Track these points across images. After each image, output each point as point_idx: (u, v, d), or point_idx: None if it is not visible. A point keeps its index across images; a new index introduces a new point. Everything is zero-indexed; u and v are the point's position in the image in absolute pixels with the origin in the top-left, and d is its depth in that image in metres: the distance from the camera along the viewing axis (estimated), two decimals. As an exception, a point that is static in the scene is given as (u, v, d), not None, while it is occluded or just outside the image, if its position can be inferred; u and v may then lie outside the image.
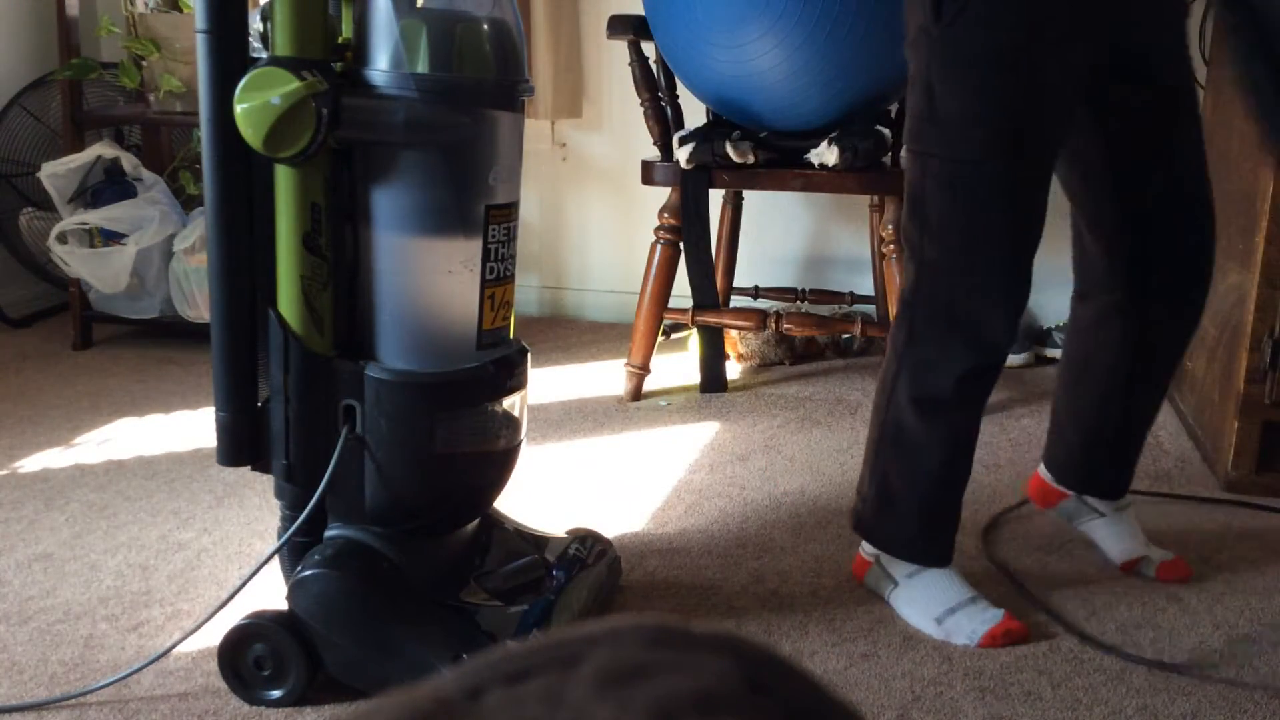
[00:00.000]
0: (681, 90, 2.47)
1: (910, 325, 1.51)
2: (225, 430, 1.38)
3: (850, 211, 2.93)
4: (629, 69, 2.42)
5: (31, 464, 2.11)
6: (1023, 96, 1.40)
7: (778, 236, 2.99)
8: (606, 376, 2.62)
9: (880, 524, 1.60)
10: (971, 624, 1.51)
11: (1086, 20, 1.40)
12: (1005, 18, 1.37)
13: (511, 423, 1.44)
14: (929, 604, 1.55)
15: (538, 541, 1.55)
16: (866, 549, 1.64)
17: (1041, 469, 1.79)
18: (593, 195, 3.10)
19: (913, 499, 1.56)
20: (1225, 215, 2.15)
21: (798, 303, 2.78)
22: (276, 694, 1.36)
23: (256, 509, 1.91)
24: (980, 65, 1.39)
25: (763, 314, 2.42)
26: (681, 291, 2.49)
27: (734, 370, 2.66)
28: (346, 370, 1.35)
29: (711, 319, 2.46)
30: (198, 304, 2.67)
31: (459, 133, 1.32)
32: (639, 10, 2.35)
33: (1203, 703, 1.39)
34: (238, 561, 1.74)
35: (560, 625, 1.41)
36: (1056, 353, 2.75)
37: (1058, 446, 1.76)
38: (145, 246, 2.64)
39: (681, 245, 2.42)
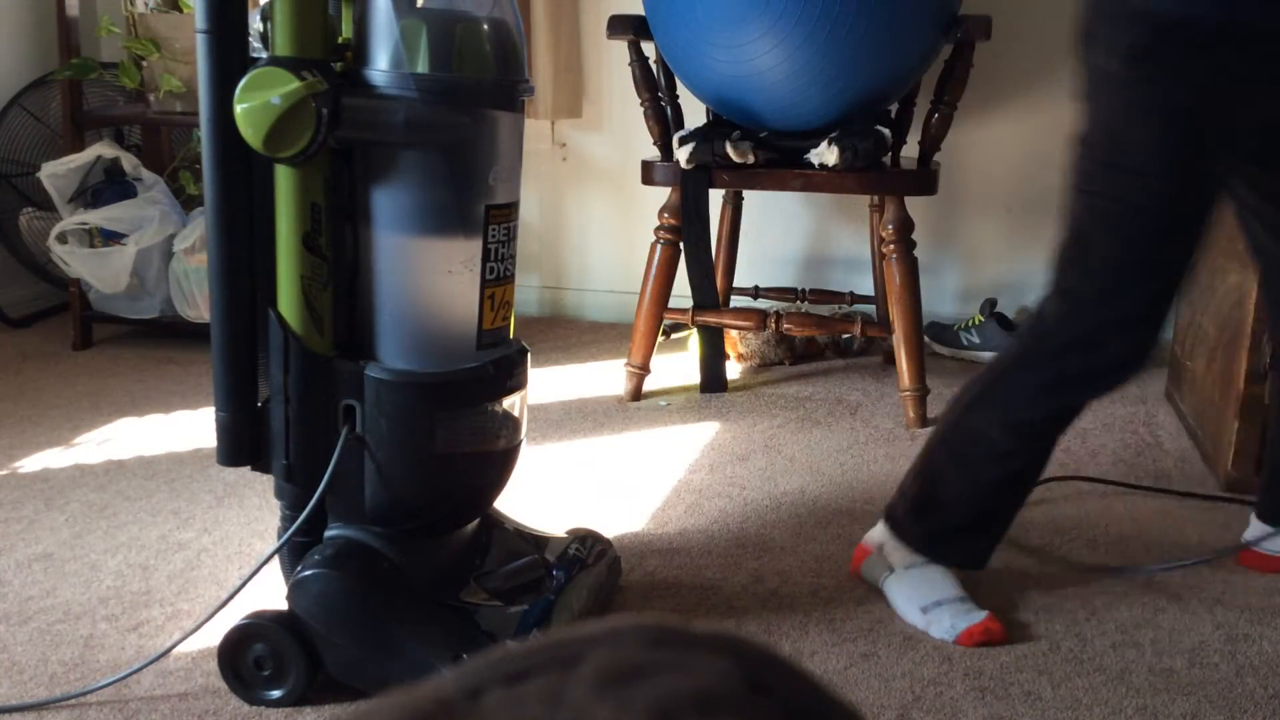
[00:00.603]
0: (681, 90, 2.47)
1: (1037, 351, 1.51)
2: (225, 430, 1.38)
3: (850, 211, 2.93)
4: (629, 69, 2.41)
5: (31, 464, 2.11)
6: (1204, 151, 1.41)
7: (778, 236, 2.99)
8: (606, 376, 2.62)
9: (918, 523, 1.61)
10: (953, 619, 1.53)
11: (1273, 76, 1.39)
12: (1196, 72, 1.37)
13: (511, 423, 1.44)
14: (917, 593, 1.57)
15: (538, 541, 1.55)
16: (871, 537, 1.65)
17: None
18: (593, 195, 3.10)
19: (968, 509, 1.58)
20: (1225, 215, 2.15)
21: (798, 303, 2.78)
22: (276, 694, 1.36)
23: (256, 509, 1.91)
24: (1167, 116, 1.39)
25: (763, 314, 2.42)
26: (681, 291, 2.49)
27: (734, 370, 2.66)
28: (346, 370, 1.35)
29: (711, 319, 2.46)
30: (198, 304, 2.67)
31: (459, 133, 1.32)
32: (639, 10, 2.35)
33: (1203, 703, 1.39)
34: (238, 561, 1.74)
35: (560, 625, 1.41)
36: (1056, 353, 2.75)
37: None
38: (145, 246, 2.64)
39: (681, 245, 2.42)
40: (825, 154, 2.21)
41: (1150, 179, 1.42)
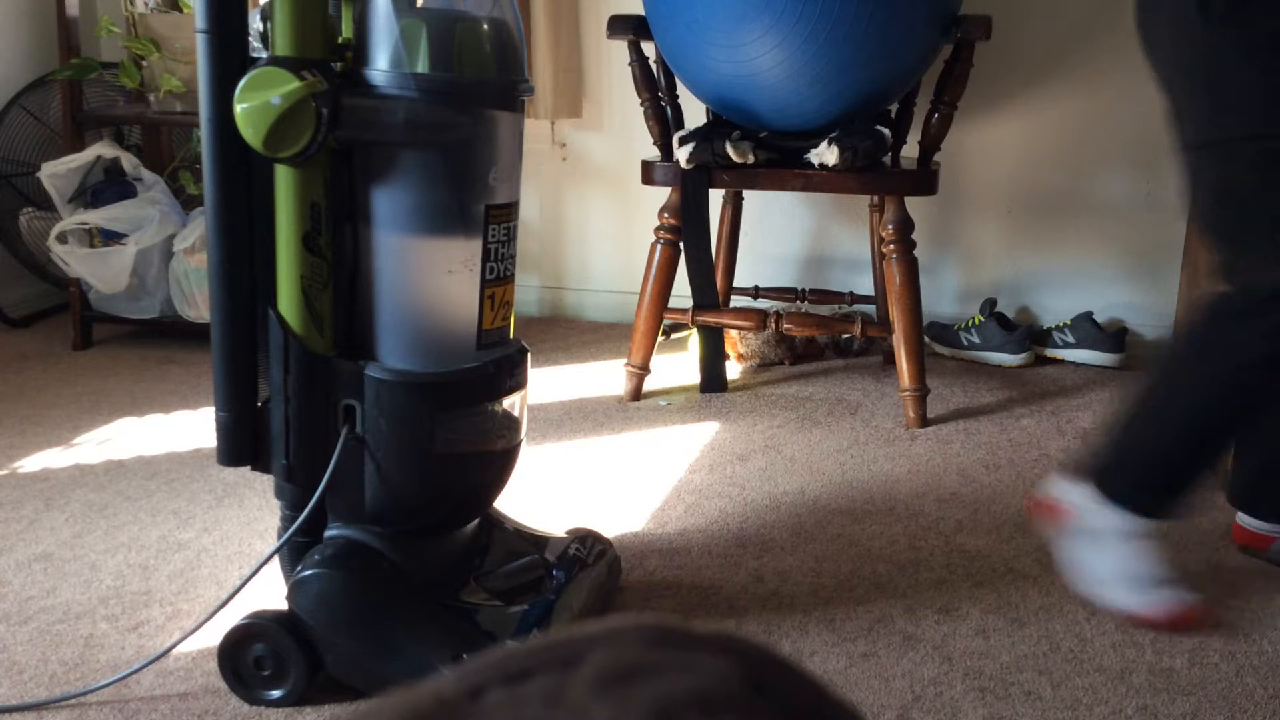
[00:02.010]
0: (681, 90, 2.47)
1: (1223, 316, 1.49)
2: (225, 430, 1.38)
3: (850, 211, 2.93)
4: (629, 69, 2.42)
5: (31, 464, 2.11)
6: None
7: (778, 236, 2.99)
8: (606, 376, 2.62)
9: (1125, 475, 1.58)
10: (1159, 598, 1.54)
11: None
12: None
13: (511, 423, 1.44)
14: (1124, 569, 1.56)
15: (538, 541, 1.55)
16: (1065, 495, 1.62)
17: (1242, 517, 1.76)
18: (593, 195, 3.10)
19: (1178, 462, 1.56)
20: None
21: (798, 303, 2.79)
22: (276, 694, 1.36)
23: (256, 509, 1.91)
24: (1260, 43, 1.37)
25: (763, 314, 2.42)
26: (681, 291, 2.49)
27: (734, 370, 2.66)
28: (346, 370, 1.35)
29: (711, 319, 2.46)
30: (198, 304, 2.67)
31: (459, 133, 1.32)
32: (639, 10, 2.35)
33: (1203, 703, 1.39)
34: (238, 561, 1.74)
35: (560, 625, 1.41)
36: (1057, 353, 2.75)
37: (1252, 483, 1.74)
38: (145, 246, 2.64)
39: (681, 245, 2.42)
40: (825, 154, 2.21)
41: (1269, 110, 1.38)
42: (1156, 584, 1.56)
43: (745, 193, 2.77)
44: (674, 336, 2.80)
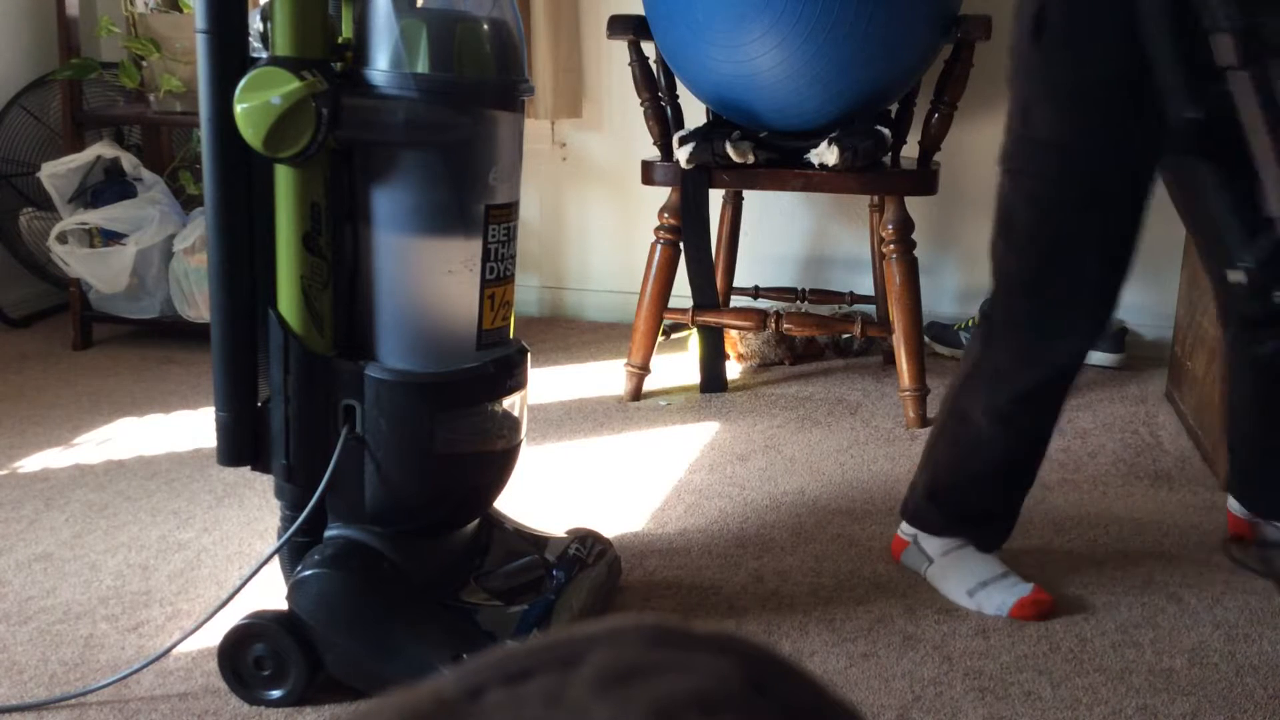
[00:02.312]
0: (681, 90, 2.47)
1: (988, 336, 1.56)
2: (225, 430, 1.38)
3: (850, 211, 2.93)
4: (629, 69, 2.42)
5: (31, 464, 2.11)
6: (1109, 120, 1.42)
7: (778, 236, 2.99)
8: (606, 376, 2.62)
9: (933, 510, 1.66)
10: (1002, 595, 1.58)
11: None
12: (1088, 43, 1.40)
13: (511, 423, 1.44)
14: (962, 578, 1.62)
15: (538, 541, 1.55)
16: (905, 529, 1.70)
17: (1231, 503, 1.79)
18: (593, 195, 3.10)
19: (966, 499, 1.64)
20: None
21: (798, 303, 2.78)
22: (276, 694, 1.36)
23: (256, 509, 1.91)
24: (1069, 87, 1.42)
25: (763, 314, 2.42)
26: (681, 291, 2.49)
27: (734, 370, 2.66)
28: (346, 370, 1.35)
29: (711, 319, 2.46)
30: (198, 304, 2.67)
31: (459, 133, 1.32)
32: (639, 10, 2.35)
33: (1203, 703, 1.39)
34: (238, 561, 1.74)
35: (560, 625, 1.41)
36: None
37: (1241, 476, 1.77)
38: (145, 246, 2.64)
39: (681, 245, 2.42)
40: (825, 154, 2.21)
41: (1060, 151, 1.44)
42: (998, 583, 1.60)
43: (745, 193, 2.77)
44: (674, 336, 2.80)
